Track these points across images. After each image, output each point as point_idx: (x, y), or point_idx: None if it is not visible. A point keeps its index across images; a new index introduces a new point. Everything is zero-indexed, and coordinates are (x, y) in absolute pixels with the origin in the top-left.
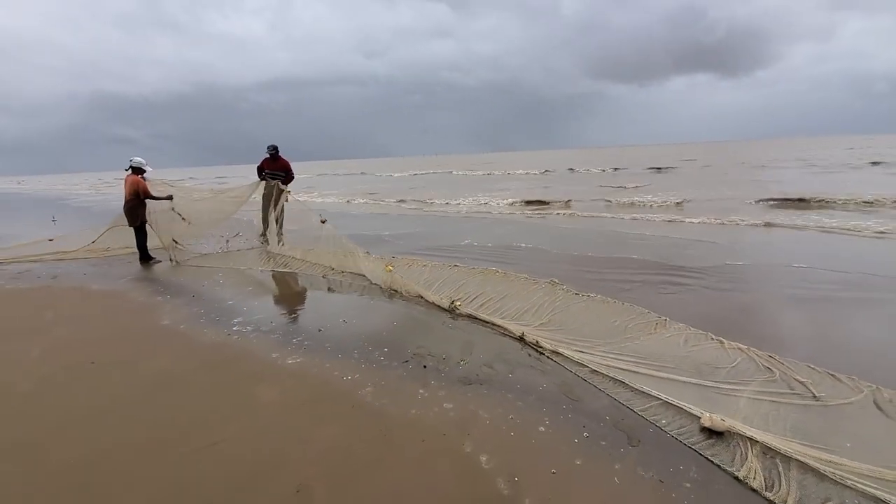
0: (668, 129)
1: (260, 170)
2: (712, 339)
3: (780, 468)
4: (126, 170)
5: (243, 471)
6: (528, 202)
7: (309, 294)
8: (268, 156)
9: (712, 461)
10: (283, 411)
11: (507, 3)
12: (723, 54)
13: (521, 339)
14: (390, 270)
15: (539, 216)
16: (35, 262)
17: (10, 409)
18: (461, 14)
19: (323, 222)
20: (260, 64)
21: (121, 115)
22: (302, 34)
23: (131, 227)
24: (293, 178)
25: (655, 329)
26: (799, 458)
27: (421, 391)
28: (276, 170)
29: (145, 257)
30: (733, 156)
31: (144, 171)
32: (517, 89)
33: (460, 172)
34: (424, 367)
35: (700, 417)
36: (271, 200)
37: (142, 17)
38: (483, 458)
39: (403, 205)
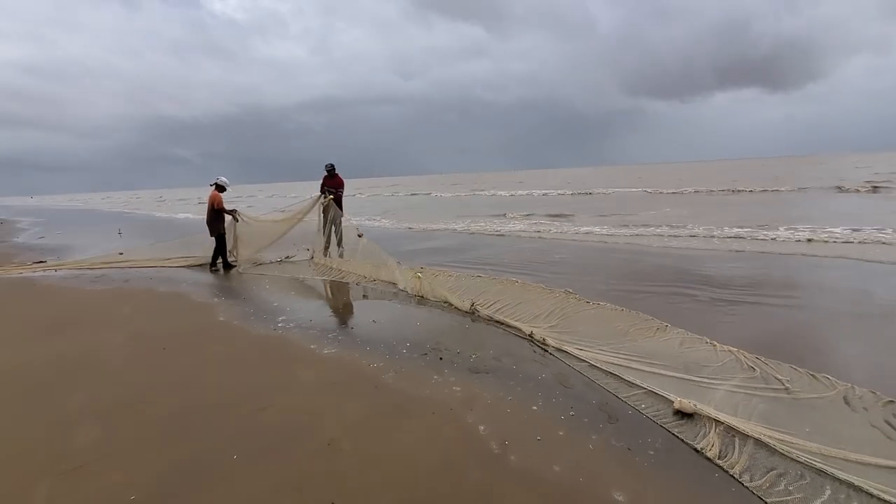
0: (713, 145)
1: (322, 187)
2: (707, 342)
3: (737, 443)
4: (210, 185)
5: (288, 427)
6: None
7: (344, 299)
8: (326, 173)
9: (677, 436)
10: (317, 388)
11: (542, 22)
12: (770, 68)
13: (530, 336)
14: (419, 277)
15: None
16: (118, 268)
17: (107, 380)
18: (496, 35)
19: (360, 236)
20: (302, 86)
21: (174, 135)
22: (342, 57)
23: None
24: (342, 195)
25: (655, 333)
26: (755, 435)
27: (435, 377)
28: (332, 185)
29: (226, 266)
30: (764, 173)
31: (226, 189)
32: (553, 106)
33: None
34: (440, 358)
35: (673, 402)
36: (329, 217)
37: (193, 44)
38: (481, 427)
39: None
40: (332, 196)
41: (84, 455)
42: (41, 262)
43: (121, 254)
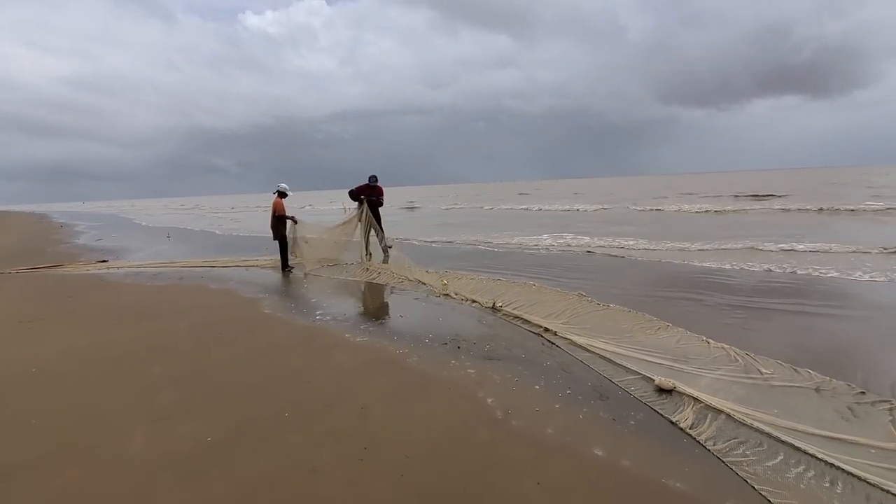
0: (754, 154)
1: (358, 193)
2: (703, 340)
3: (709, 417)
4: (273, 193)
5: (328, 395)
6: None
7: (375, 297)
8: (367, 183)
9: (657, 411)
10: (352, 367)
11: (570, 30)
12: (813, 74)
13: (544, 330)
14: (445, 284)
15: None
16: (172, 267)
17: (177, 357)
18: (523, 43)
19: (389, 247)
20: (332, 97)
21: (212, 145)
22: (370, 68)
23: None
24: (382, 203)
25: (656, 331)
26: (725, 410)
27: (453, 362)
28: (372, 194)
29: (285, 265)
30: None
31: (287, 195)
32: (583, 115)
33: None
34: (458, 347)
35: (655, 380)
36: (368, 223)
37: (229, 58)
38: (489, 400)
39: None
40: (367, 204)
41: (167, 410)
42: (104, 261)
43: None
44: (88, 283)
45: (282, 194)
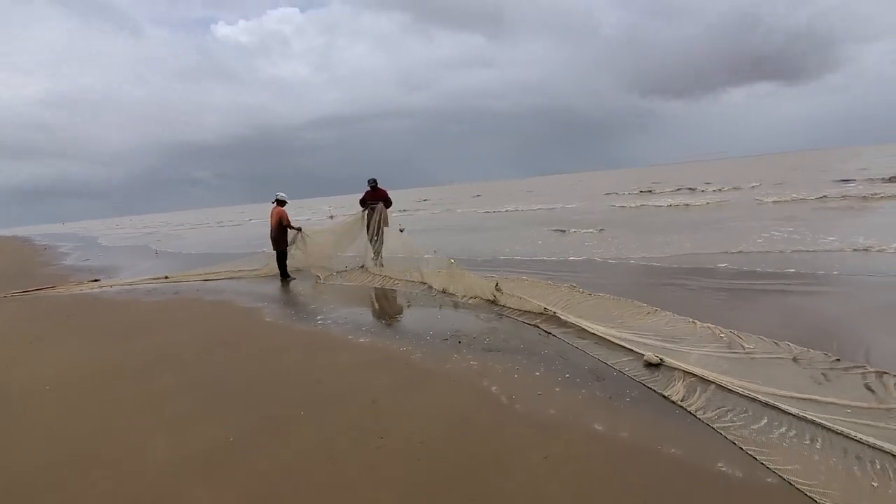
0: (732, 142)
1: (363, 202)
2: (689, 321)
3: (698, 389)
4: (272, 202)
5: (339, 392)
6: None
7: (374, 299)
8: (369, 188)
9: (650, 387)
10: (357, 367)
11: (543, 29)
12: (785, 61)
13: (544, 310)
14: (452, 262)
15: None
16: (165, 283)
17: (185, 367)
18: (499, 43)
19: (401, 231)
20: (309, 104)
21: (189, 158)
22: (345, 74)
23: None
24: (391, 204)
25: (645, 316)
26: (710, 379)
27: (455, 356)
28: (376, 199)
29: (284, 276)
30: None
31: (286, 203)
32: (562, 112)
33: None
34: (459, 342)
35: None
36: (373, 228)
37: (200, 69)
38: (493, 388)
39: None
40: (372, 209)
41: (185, 414)
42: (96, 280)
43: (166, 277)
44: (84, 302)
45: (281, 202)
